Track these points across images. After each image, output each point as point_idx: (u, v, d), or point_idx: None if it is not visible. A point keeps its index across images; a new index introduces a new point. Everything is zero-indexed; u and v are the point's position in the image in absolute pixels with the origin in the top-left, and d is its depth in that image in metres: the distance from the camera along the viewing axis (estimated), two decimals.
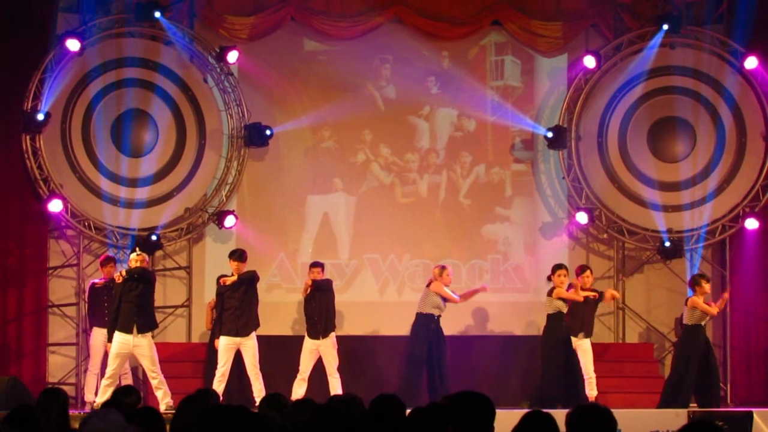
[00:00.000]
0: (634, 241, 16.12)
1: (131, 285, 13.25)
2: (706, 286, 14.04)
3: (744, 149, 15.97)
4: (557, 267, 14.20)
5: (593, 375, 14.14)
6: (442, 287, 14.23)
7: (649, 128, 16.09)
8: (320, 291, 14.19)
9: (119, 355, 13.21)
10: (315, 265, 14.37)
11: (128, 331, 13.18)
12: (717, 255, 16.31)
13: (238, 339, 13.77)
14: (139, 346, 13.21)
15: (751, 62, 15.69)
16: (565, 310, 13.94)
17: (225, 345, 13.78)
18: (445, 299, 14.21)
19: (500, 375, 14.55)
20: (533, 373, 14.62)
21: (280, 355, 14.66)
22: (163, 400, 13.17)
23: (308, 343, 14.16)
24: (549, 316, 13.93)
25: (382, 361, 14.78)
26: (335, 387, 13.92)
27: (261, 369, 13.77)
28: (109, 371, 13.17)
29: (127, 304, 13.19)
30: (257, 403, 9.40)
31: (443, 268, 14.46)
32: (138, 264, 13.35)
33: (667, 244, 15.78)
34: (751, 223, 15.73)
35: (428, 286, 14.33)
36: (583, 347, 14.23)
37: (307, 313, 14.26)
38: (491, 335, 15.35)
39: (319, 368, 14.22)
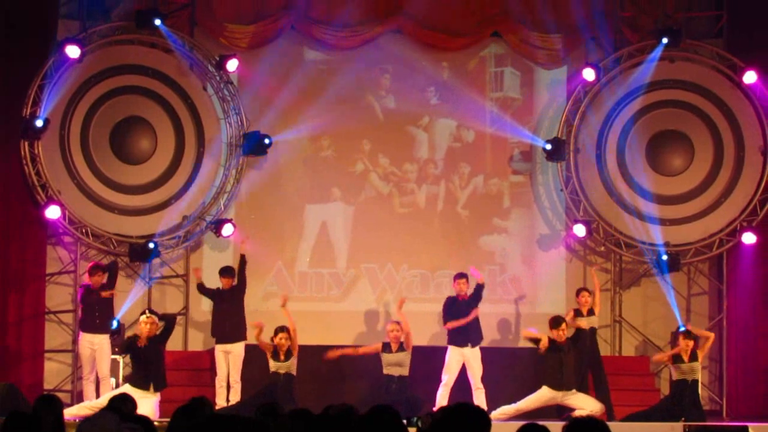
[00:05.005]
0: (632, 254, 16.11)
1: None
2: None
3: (742, 163, 15.97)
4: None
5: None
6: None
7: (648, 141, 16.10)
8: None
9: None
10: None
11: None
12: (714, 269, 16.30)
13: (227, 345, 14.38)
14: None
15: (749, 77, 15.70)
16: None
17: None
18: None
19: (496, 387, 14.50)
20: (528, 384, 14.60)
21: None
22: None
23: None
24: None
25: (379, 371, 14.72)
26: None
27: (259, 377, 13.90)
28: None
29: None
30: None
31: None
32: (148, 326, 13.48)
33: (665, 257, 15.78)
34: (749, 238, 15.72)
35: None
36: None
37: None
38: (488, 347, 15.28)
39: (318, 376, 14.30)
